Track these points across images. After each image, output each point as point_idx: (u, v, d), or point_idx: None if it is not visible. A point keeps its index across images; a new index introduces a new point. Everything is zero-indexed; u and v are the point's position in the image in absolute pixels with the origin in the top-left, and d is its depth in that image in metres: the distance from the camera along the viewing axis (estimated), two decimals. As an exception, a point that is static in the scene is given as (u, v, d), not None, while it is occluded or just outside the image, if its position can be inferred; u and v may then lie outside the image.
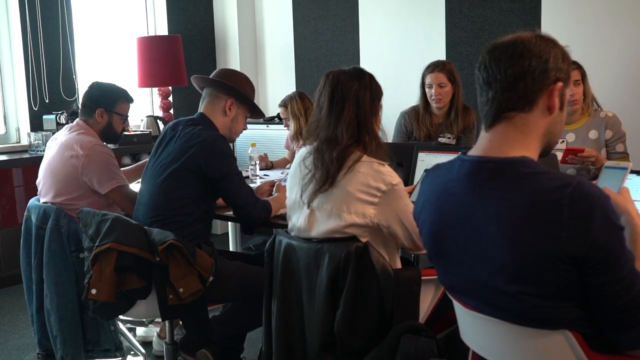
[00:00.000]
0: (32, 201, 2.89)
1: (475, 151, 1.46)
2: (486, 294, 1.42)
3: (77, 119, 2.94)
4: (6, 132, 4.88)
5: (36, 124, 4.77)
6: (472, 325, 1.55)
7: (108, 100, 2.91)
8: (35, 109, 4.78)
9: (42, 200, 2.85)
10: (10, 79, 4.86)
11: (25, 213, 2.88)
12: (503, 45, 1.41)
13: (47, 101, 4.84)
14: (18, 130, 4.88)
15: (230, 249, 3.74)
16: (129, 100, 3.01)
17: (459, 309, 1.57)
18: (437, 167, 1.58)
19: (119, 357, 2.87)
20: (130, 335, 3.22)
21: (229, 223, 3.77)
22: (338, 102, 1.98)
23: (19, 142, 4.87)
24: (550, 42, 1.40)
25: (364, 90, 1.99)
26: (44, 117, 4.72)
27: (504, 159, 1.39)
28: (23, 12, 4.68)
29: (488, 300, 1.42)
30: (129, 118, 3.04)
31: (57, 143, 2.86)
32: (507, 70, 1.38)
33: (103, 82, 2.97)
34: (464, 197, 1.43)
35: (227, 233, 3.93)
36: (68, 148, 2.78)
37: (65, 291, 2.71)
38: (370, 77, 2.04)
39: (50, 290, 2.72)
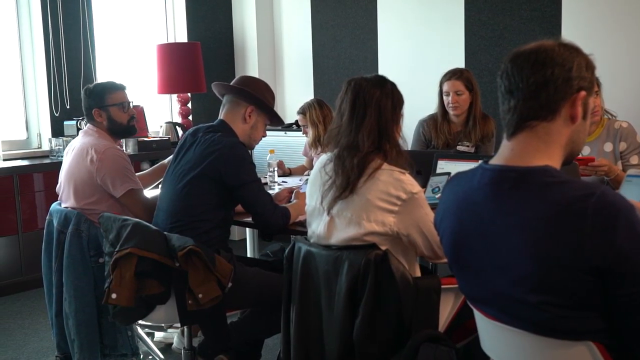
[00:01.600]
0: (54, 205, 2.93)
1: (497, 160, 1.45)
2: (507, 304, 1.40)
3: (87, 126, 2.98)
4: (28, 138, 4.94)
5: (57, 130, 4.83)
6: (492, 335, 1.54)
7: (96, 98, 2.92)
8: (57, 115, 4.83)
9: (63, 205, 2.88)
10: (32, 85, 4.92)
11: (47, 217, 2.91)
12: (525, 53, 1.40)
13: (68, 107, 4.90)
14: (39, 135, 4.94)
15: (248, 255, 3.75)
16: (118, 88, 2.97)
17: (479, 318, 1.56)
18: (458, 175, 1.58)
19: None
20: (148, 340, 3.23)
21: (247, 229, 3.78)
22: (360, 109, 1.98)
23: (40, 148, 4.93)
24: (574, 51, 1.39)
25: (385, 98, 1.99)
26: (65, 122, 4.78)
27: (526, 168, 1.38)
28: (45, 19, 4.74)
29: (509, 310, 1.41)
30: (130, 104, 2.99)
31: (74, 149, 2.90)
32: (529, 79, 1.37)
33: (89, 85, 2.98)
34: (485, 206, 1.42)
35: (245, 239, 3.94)
36: (84, 152, 2.82)
37: (83, 295, 2.73)
38: (392, 85, 2.04)
39: (69, 294, 2.75)
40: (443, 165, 2.69)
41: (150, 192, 3.10)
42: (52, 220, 2.86)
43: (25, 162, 4.50)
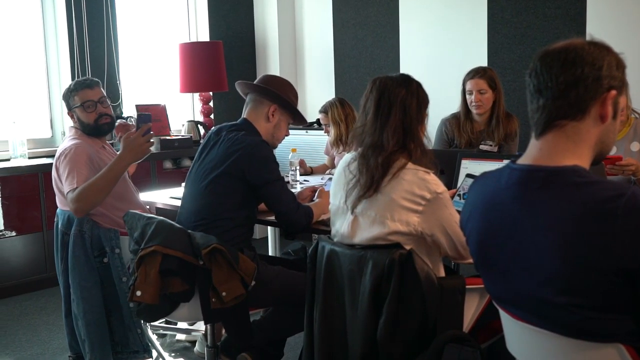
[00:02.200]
0: (59, 208, 2.92)
1: (524, 160, 1.43)
2: (535, 305, 1.39)
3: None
4: (52, 136, 5.00)
5: (81, 128, 4.86)
6: (519, 336, 1.53)
7: (66, 102, 2.94)
8: (81, 114, 4.87)
9: (63, 208, 2.88)
10: (57, 84, 4.98)
11: (55, 219, 2.92)
12: (555, 52, 1.38)
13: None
14: (64, 134, 4.99)
15: (269, 254, 3.76)
16: (81, 87, 2.90)
17: (505, 319, 1.55)
18: (485, 175, 1.56)
19: (147, 358, 2.87)
20: (157, 343, 3.20)
21: (269, 227, 3.79)
22: (384, 108, 1.98)
23: (64, 146, 4.97)
24: (604, 49, 1.37)
25: (410, 97, 1.98)
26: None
27: (555, 168, 1.36)
28: (70, 18, 4.79)
29: (536, 311, 1.40)
30: (97, 102, 2.89)
31: None
32: (558, 78, 1.36)
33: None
34: (513, 206, 1.41)
35: (266, 237, 3.95)
36: (55, 162, 2.83)
37: (90, 296, 2.73)
38: (418, 85, 2.03)
39: (77, 295, 2.74)
40: (467, 165, 2.66)
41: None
42: (58, 222, 2.86)
43: (49, 160, 4.54)
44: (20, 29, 4.84)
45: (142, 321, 2.83)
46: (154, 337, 3.23)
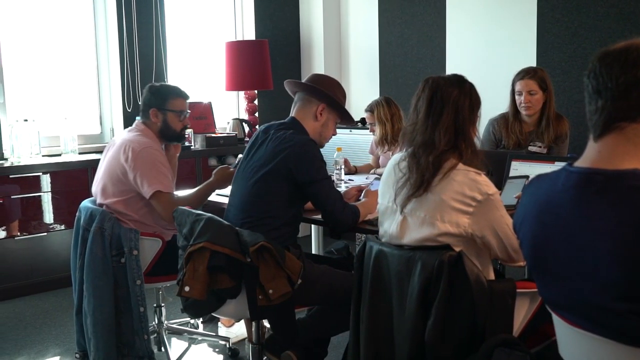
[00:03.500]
0: (84, 202, 2.93)
1: (582, 162, 1.40)
2: (591, 311, 1.36)
3: (136, 121, 3.02)
4: (101, 132, 5.11)
5: (129, 124, 4.89)
6: (573, 342, 1.50)
7: (159, 100, 2.96)
8: (129, 110, 4.98)
9: (98, 201, 2.91)
10: (106, 82, 5.09)
11: (77, 214, 2.90)
12: (615, 52, 1.35)
13: (139, 102, 5.02)
14: (112, 130, 5.10)
15: (312, 252, 3.76)
16: (182, 95, 3.01)
17: (559, 324, 1.52)
18: (540, 178, 1.54)
19: None
20: (169, 349, 3.21)
21: (312, 226, 3.79)
22: (437, 107, 1.97)
23: (113, 142, 5.08)
24: (668, 50, 1.34)
25: (463, 98, 1.97)
26: (137, 118, 4.88)
27: (615, 171, 1.33)
28: (120, 18, 4.89)
29: (593, 317, 1.37)
30: (187, 114, 3.04)
31: (115, 144, 2.93)
32: (619, 79, 1.33)
33: (156, 84, 3.03)
34: (570, 210, 1.38)
35: (308, 236, 3.96)
36: (123, 149, 2.84)
37: (102, 295, 2.71)
38: (471, 86, 2.02)
39: (89, 292, 2.73)
40: (517, 167, 2.62)
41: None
42: (80, 217, 2.85)
43: (99, 156, 4.62)
44: (72, 28, 4.95)
45: (149, 328, 2.82)
46: (168, 341, 3.23)
